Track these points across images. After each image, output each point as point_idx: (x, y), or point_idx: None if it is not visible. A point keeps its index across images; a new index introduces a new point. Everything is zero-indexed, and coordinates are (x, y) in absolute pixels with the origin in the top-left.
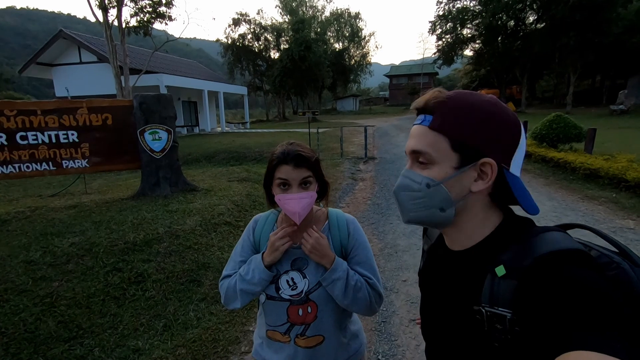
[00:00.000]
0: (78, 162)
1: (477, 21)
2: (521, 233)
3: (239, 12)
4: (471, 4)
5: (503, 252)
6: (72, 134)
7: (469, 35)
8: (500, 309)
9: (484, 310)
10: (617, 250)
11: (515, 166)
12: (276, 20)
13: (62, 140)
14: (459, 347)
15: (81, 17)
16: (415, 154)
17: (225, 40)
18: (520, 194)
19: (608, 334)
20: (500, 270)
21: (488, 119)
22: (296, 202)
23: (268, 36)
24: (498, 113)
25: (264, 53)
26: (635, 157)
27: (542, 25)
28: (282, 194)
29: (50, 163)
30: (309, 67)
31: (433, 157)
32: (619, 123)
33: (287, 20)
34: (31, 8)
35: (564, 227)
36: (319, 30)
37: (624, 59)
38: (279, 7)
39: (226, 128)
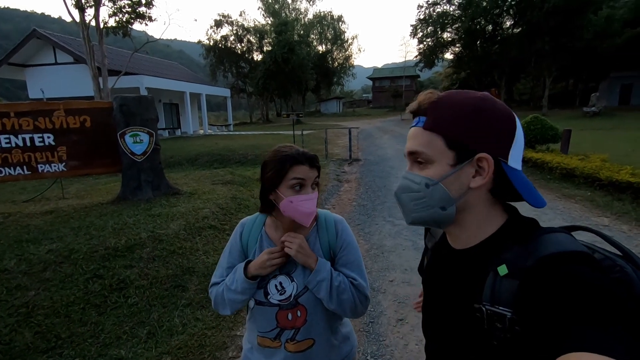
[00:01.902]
0: (55, 166)
1: (456, 25)
2: (525, 233)
3: (220, 14)
4: (451, 9)
5: (506, 252)
6: (48, 137)
7: (449, 39)
8: (500, 307)
9: (484, 309)
10: (620, 254)
11: (514, 159)
12: (259, 22)
13: (37, 144)
14: (459, 344)
15: (56, 16)
16: (413, 155)
17: (207, 42)
18: (522, 187)
19: (611, 329)
20: (502, 270)
21: (478, 114)
22: (311, 202)
23: (251, 38)
24: (488, 107)
25: (246, 55)
26: (608, 156)
27: (518, 30)
28: (294, 195)
29: (24, 167)
30: (292, 69)
31: (429, 156)
32: (591, 124)
33: (269, 22)
34: (2, 7)
35: (568, 229)
36: (302, 32)
37: (595, 64)
38: (262, 9)
39: (209, 130)
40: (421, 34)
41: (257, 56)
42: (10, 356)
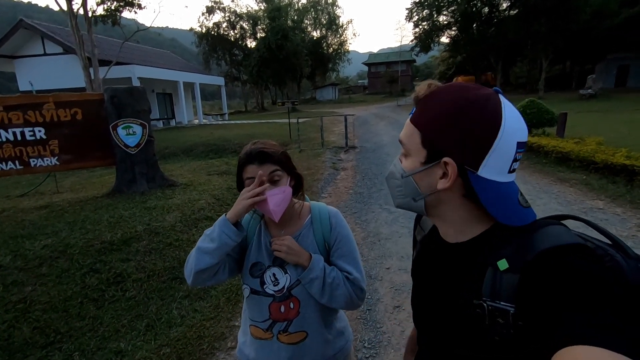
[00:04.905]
0: (47, 160)
1: (452, 8)
2: (522, 227)
3: (212, 0)
4: None
5: (505, 246)
6: (39, 131)
7: (445, 22)
8: (502, 303)
9: (485, 305)
10: (609, 242)
11: (493, 170)
12: (251, 8)
13: (28, 138)
14: (456, 339)
15: (43, 5)
16: (401, 144)
17: (200, 29)
18: (492, 199)
19: (600, 314)
20: (502, 265)
21: (456, 118)
22: (268, 199)
23: (244, 24)
24: (470, 113)
25: (240, 42)
26: (603, 139)
27: (515, 12)
28: None
29: (16, 162)
30: (286, 56)
31: (408, 149)
32: (588, 107)
33: (262, 8)
34: None
35: (559, 219)
36: (295, 18)
37: (592, 45)
38: None
39: (204, 120)
40: (417, 17)
41: (251, 43)
42: (10, 352)
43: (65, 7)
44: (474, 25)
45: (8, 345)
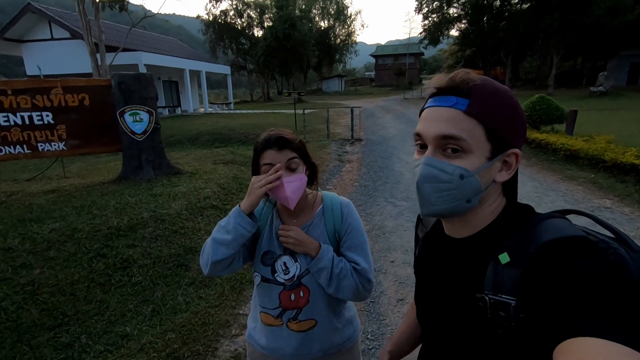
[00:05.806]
0: (55, 145)
1: (463, 0)
2: (523, 220)
3: None
4: None
5: (507, 239)
6: (47, 115)
7: (455, 15)
8: (504, 296)
9: (487, 298)
10: (613, 236)
11: None
12: None
13: (36, 122)
14: (460, 333)
15: None
16: (446, 140)
17: (207, 17)
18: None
19: (603, 307)
20: (504, 258)
21: (516, 108)
22: (285, 186)
23: (251, 13)
24: (518, 102)
25: (247, 31)
26: (613, 138)
27: (527, 6)
28: None
29: (24, 146)
30: (293, 45)
31: (469, 145)
32: (598, 105)
33: None
34: None
35: (561, 213)
36: (303, 7)
37: (604, 41)
38: None
39: (209, 109)
40: (426, 9)
41: (258, 32)
42: (19, 332)
43: None
44: (485, 18)
45: (17, 326)
